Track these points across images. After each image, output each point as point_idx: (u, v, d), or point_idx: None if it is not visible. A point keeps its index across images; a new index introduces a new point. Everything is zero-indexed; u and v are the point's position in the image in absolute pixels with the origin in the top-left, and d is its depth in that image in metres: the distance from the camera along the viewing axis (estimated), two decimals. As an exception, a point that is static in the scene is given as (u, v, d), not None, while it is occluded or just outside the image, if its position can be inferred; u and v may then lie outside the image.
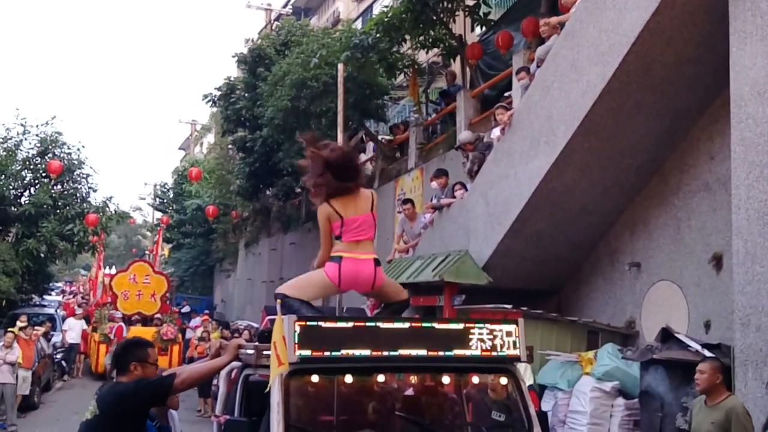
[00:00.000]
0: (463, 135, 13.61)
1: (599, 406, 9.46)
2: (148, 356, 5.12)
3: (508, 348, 5.25)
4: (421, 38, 18.08)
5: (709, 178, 9.79)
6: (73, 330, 23.72)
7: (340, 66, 7.54)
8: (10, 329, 16.84)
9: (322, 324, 4.88)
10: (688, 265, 10.02)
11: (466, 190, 12.71)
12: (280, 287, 5.58)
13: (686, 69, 9.30)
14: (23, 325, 17.91)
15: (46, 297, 35.42)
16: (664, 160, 10.46)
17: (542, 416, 5.94)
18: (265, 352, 5.41)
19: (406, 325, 5.09)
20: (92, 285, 35.33)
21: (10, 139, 27.93)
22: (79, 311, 25.74)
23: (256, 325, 21.61)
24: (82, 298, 37.01)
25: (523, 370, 7.95)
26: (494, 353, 5.21)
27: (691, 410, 7.18)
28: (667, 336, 9.06)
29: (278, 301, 5.22)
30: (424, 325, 5.14)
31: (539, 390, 10.11)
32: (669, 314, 10.07)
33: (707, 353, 8.21)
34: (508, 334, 5.26)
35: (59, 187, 28.29)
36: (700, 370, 6.85)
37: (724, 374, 6.87)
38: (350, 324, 4.93)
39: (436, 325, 5.15)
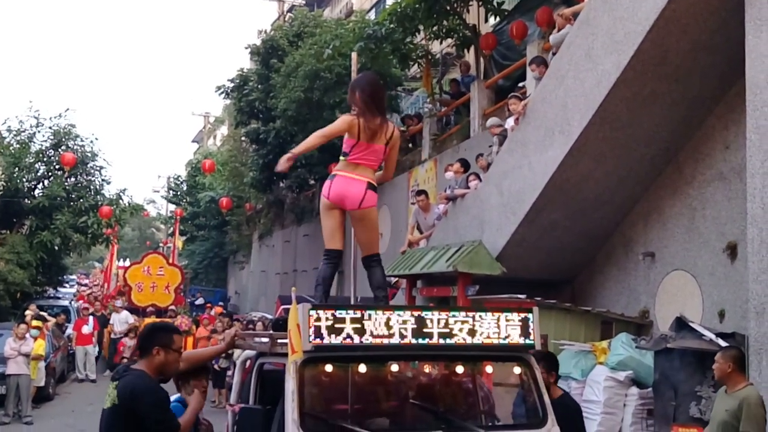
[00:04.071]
0: (491, 120, 13.48)
1: (613, 396, 9.45)
2: (173, 342, 5.05)
3: (523, 337, 5.26)
4: (435, 28, 18.06)
5: (724, 167, 9.74)
6: (120, 323, 23.82)
7: (354, 55, 7.54)
8: (24, 321, 16.93)
9: (337, 312, 4.88)
10: (703, 254, 9.98)
11: (480, 180, 12.68)
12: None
13: (702, 57, 9.25)
14: (31, 313, 18.00)
15: (61, 289, 35.50)
16: (679, 149, 10.41)
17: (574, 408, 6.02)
18: (279, 341, 5.43)
19: (420, 313, 5.09)
20: (105, 277, 35.43)
21: (24, 131, 27.94)
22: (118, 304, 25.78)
23: (270, 316, 21.63)
24: (99, 289, 37.11)
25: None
26: (509, 342, 5.22)
27: (716, 398, 7.33)
28: (681, 325, 9.05)
29: None
30: (439, 314, 5.13)
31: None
32: (683, 304, 10.04)
33: (722, 342, 8.21)
34: (523, 323, 5.27)
35: (73, 179, 28.33)
36: (716, 359, 7.02)
37: (739, 363, 6.94)
38: (364, 312, 4.94)
39: (450, 315, 5.15)
